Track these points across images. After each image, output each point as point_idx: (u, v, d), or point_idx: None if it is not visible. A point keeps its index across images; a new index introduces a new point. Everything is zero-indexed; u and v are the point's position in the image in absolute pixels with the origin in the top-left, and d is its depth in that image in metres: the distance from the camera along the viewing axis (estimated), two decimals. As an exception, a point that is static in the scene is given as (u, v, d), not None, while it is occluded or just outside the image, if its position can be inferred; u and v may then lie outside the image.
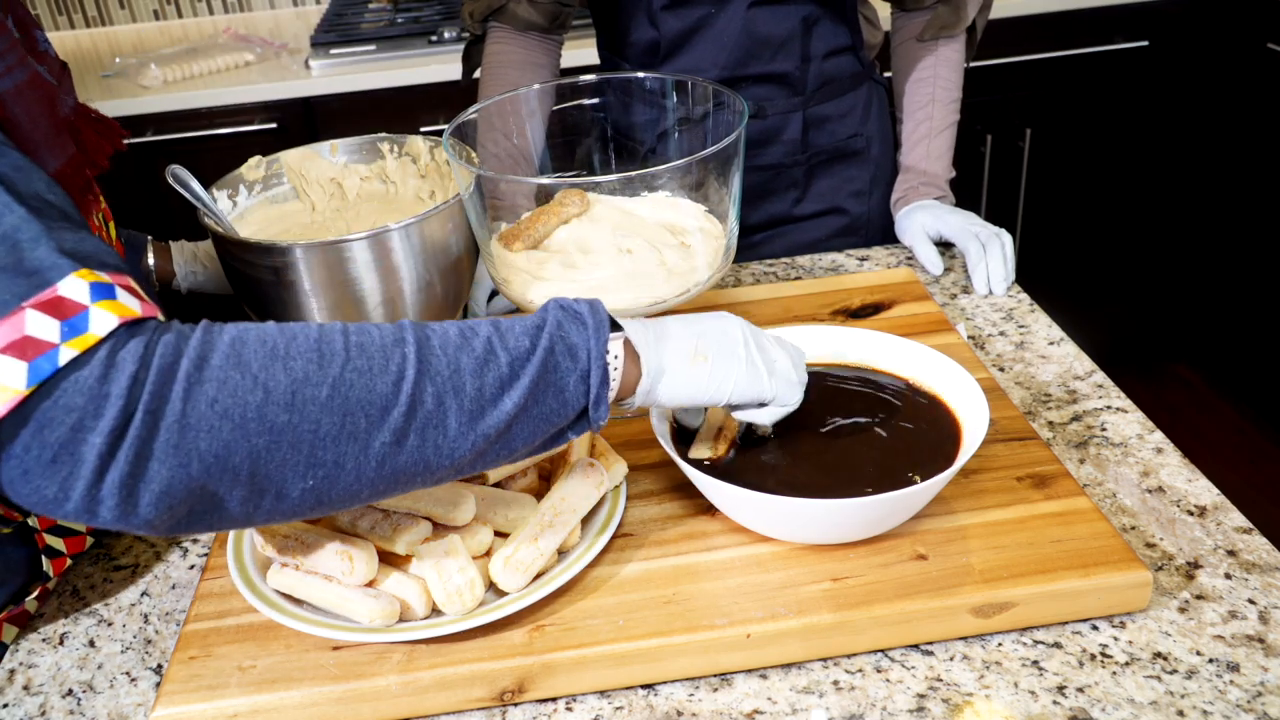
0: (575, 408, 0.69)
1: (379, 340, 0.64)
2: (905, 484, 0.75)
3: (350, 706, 0.72)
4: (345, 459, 0.61)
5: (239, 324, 0.62)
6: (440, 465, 0.65)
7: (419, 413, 0.63)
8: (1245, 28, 2.26)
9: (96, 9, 2.57)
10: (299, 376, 0.60)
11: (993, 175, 2.35)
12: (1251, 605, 0.76)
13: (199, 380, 0.58)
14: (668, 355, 0.73)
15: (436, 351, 0.65)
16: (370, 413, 0.61)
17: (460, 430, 0.64)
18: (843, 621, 0.73)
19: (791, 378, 0.78)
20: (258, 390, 0.59)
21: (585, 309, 0.70)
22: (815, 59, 1.29)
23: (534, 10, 1.30)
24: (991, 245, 1.18)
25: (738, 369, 0.75)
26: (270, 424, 0.59)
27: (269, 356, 0.60)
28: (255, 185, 1.12)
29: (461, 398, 0.64)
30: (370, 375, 0.62)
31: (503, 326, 0.68)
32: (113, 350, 0.56)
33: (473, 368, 0.65)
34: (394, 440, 0.62)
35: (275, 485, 0.61)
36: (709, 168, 0.91)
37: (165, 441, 0.57)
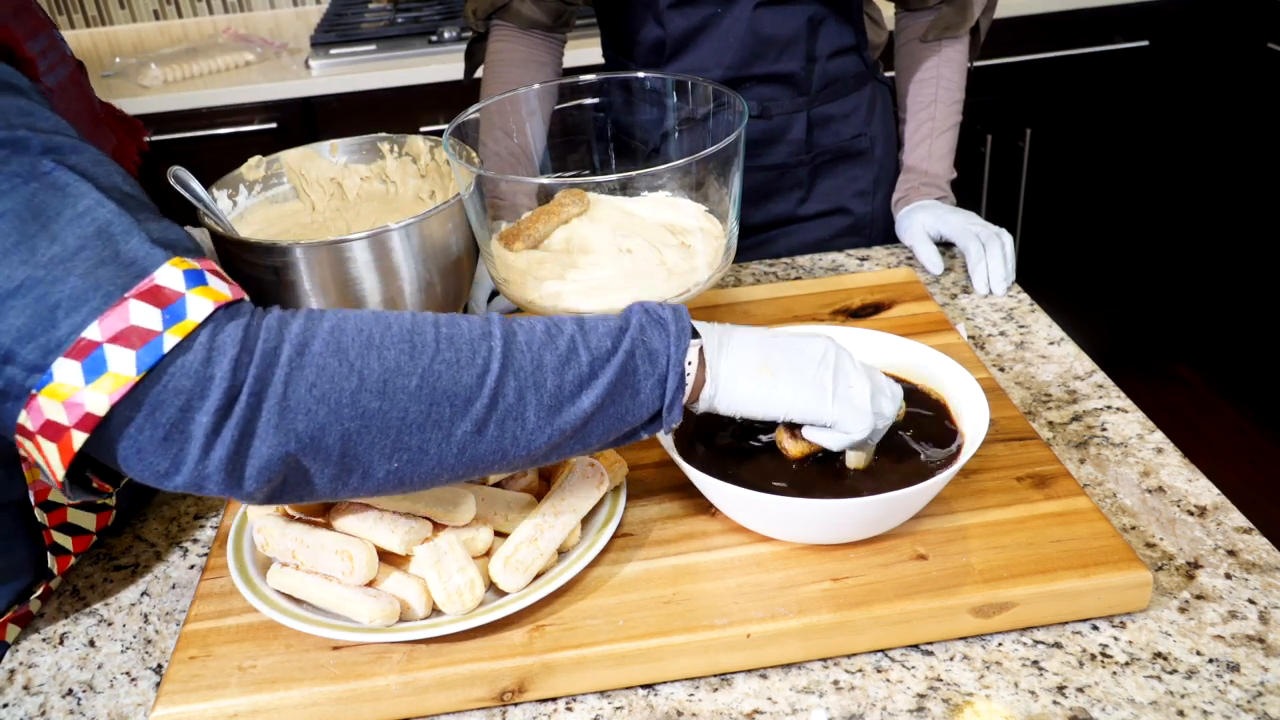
0: (650, 410, 0.71)
1: (467, 333, 0.67)
2: (905, 484, 0.75)
3: (350, 706, 0.72)
4: (429, 444, 0.65)
5: (339, 311, 0.66)
6: (516, 455, 0.68)
7: (500, 405, 0.66)
8: (1245, 28, 2.26)
9: (96, 9, 2.57)
10: (391, 366, 0.63)
11: (993, 175, 2.35)
12: (1251, 605, 0.76)
13: (300, 365, 0.62)
14: (733, 365, 0.74)
15: (522, 347, 0.67)
16: (455, 403, 0.65)
17: (538, 424, 0.67)
18: (843, 621, 0.73)
19: (863, 407, 0.75)
20: (353, 377, 0.62)
21: (669, 315, 0.72)
22: (820, 59, 1.29)
23: (537, 9, 1.30)
24: (992, 245, 1.18)
25: (801, 388, 0.74)
26: (362, 409, 0.63)
27: (365, 345, 0.63)
28: (255, 185, 1.12)
29: (541, 393, 0.67)
30: (457, 367, 0.65)
31: (587, 325, 0.70)
32: (213, 334, 0.60)
33: (555, 365, 0.67)
34: (475, 430, 0.65)
35: (363, 465, 0.64)
36: (709, 168, 0.91)
37: (266, 421, 0.61)
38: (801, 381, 0.74)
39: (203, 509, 0.95)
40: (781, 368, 0.74)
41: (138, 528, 0.94)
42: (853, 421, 0.75)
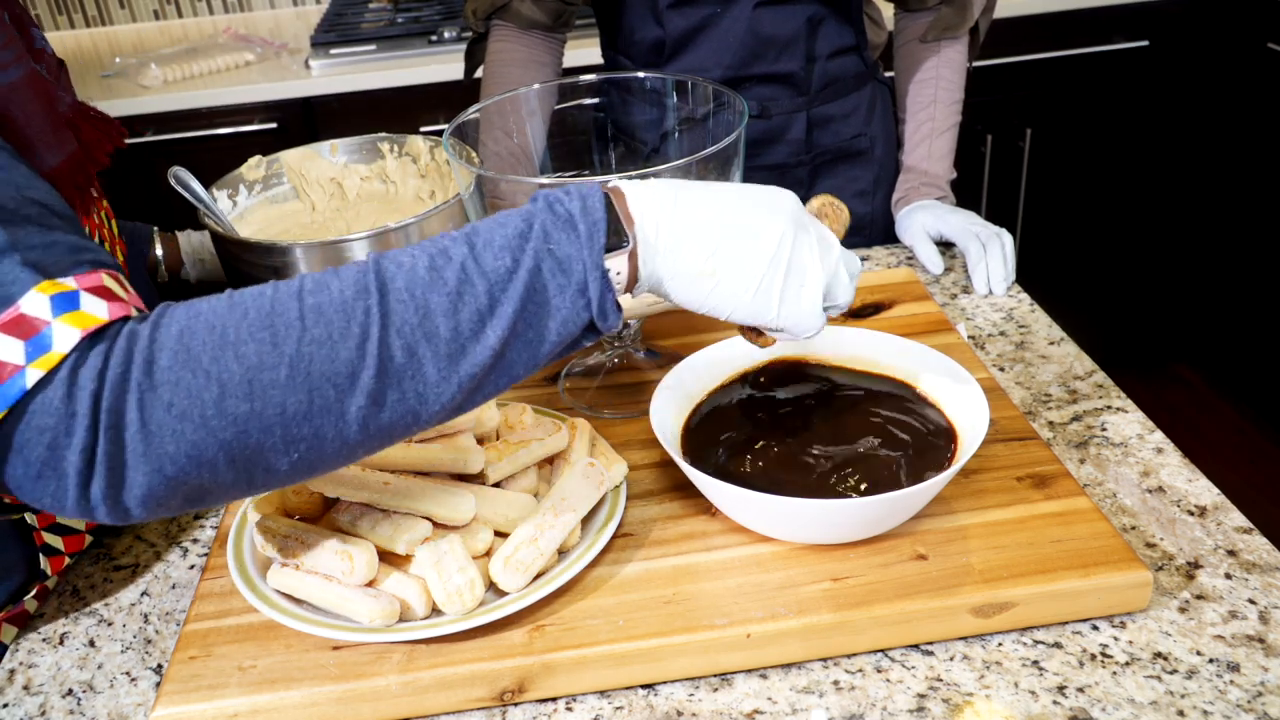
0: (577, 323, 0.64)
1: (338, 297, 0.60)
2: (905, 484, 0.75)
3: (350, 706, 0.72)
4: (324, 429, 0.60)
5: (191, 306, 0.60)
6: (430, 412, 0.62)
7: (390, 369, 0.59)
8: (1245, 28, 2.26)
9: (96, 9, 2.57)
10: (253, 363, 0.58)
11: (993, 175, 2.35)
12: (1252, 605, 0.76)
13: (150, 387, 0.57)
14: (672, 266, 0.66)
15: (403, 296, 0.60)
16: (338, 381, 0.59)
17: (442, 375, 0.61)
18: (843, 621, 0.73)
19: (813, 308, 0.69)
20: (212, 385, 0.57)
21: (577, 208, 0.63)
22: (820, 59, 1.29)
23: (537, 8, 1.30)
24: (992, 245, 1.18)
25: (745, 294, 0.67)
26: (232, 416, 0.57)
27: (219, 346, 0.58)
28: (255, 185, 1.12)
29: (435, 342, 0.60)
30: (330, 344, 0.59)
31: (479, 244, 0.62)
32: (74, 367, 0.56)
33: (445, 307, 0.60)
34: (370, 402, 0.60)
35: (260, 464, 0.60)
36: (709, 168, 0.91)
37: (134, 452, 0.57)
38: (746, 286, 0.67)
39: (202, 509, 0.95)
40: (727, 267, 0.66)
41: (138, 528, 0.94)
42: (802, 325, 0.69)
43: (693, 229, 0.65)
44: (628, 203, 0.65)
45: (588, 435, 0.86)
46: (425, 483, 0.77)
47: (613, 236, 0.63)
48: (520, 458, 0.82)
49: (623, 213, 0.64)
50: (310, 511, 0.81)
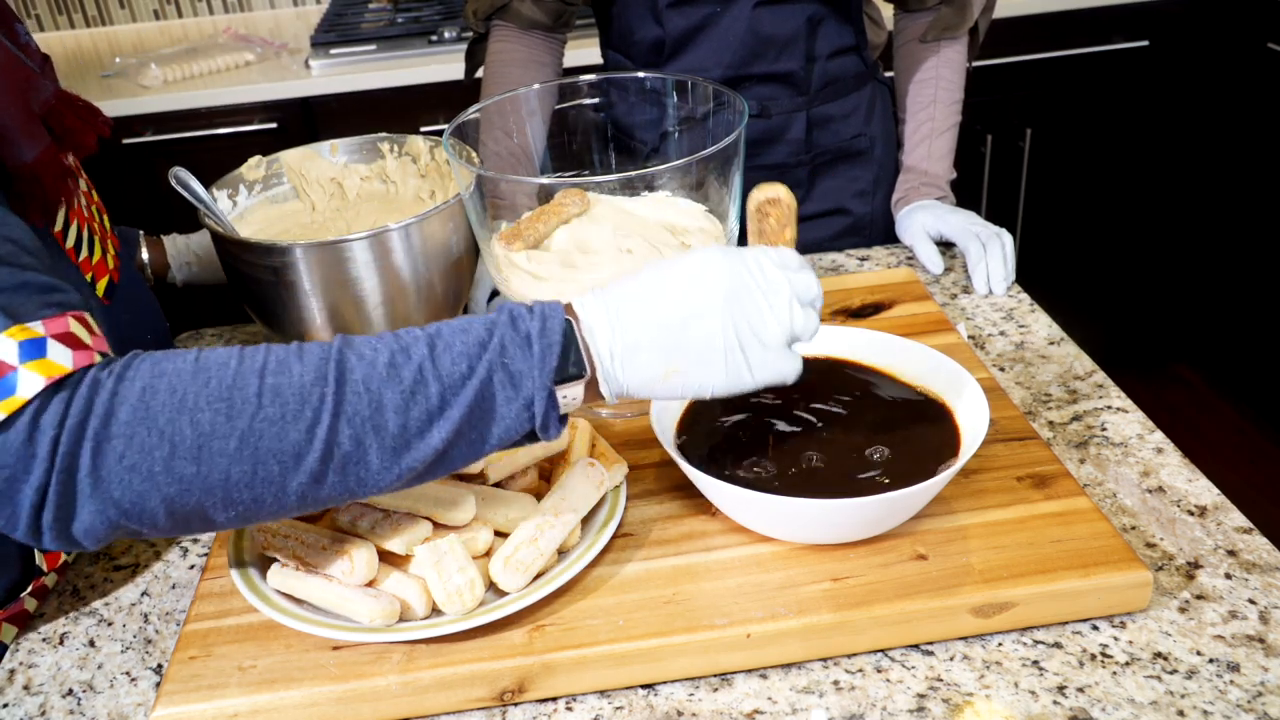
0: (519, 430, 0.66)
1: (297, 381, 0.63)
2: (905, 484, 0.75)
3: (350, 706, 0.72)
4: (263, 498, 0.63)
5: (159, 364, 0.63)
6: (366, 492, 0.66)
7: (335, 455, 0.63)
8: (1245, 28, 2.26)
9: (96, 9, 2.57)
10: (206, 430, 0.61)
11: (993, 175, 2.35)
12: (1252, 605, 0.76)
13: (106, 437, 0.60)
14: (634, 378, 0.68)
15: (359, 388, 0.63)
16: (283, 459, 0.62)
17: (383, 465, 0.64)
18: (843, 621, 0.73)
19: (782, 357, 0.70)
20: (164, 445, 0.61)
21: (535, 329, 0.66)
22: (820, 59, 1.29)
23: (538, 9, 1.30)
24: (992, 245, 1.18)
25: (714, 378, 0.69)
26: (178, 475, 0.61)
27: (177, 409, 0.61)
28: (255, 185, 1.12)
29: (383, 435, 0.63)
30: (282, 424, 0.62)
31: (439, 347, 0.65)
32: (37, 413, 0.60)
33: (397, 403, 0.63)
34: (311, 481, 0.63)
35: (197, 516, 0.63)
36: (709, 167, 0.91)
37: (82, 493, 0.61)
38: (713, 370, 0.68)
39: (203, 509, 0.95)
40: (687, 362, 0.68)
41: (138, 528, 0.94)
42: (781, 377, 0.70)
43: (641, 341, 0.67)
44: (581, 330, 0.67)
45: (588, 435, 0.86)
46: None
47: (572, 366, 0.66)
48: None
49: (580, 339, 0.67)
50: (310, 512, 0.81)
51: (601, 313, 0.68)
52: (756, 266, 0.70)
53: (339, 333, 0.97)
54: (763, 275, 0.69)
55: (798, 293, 0.70)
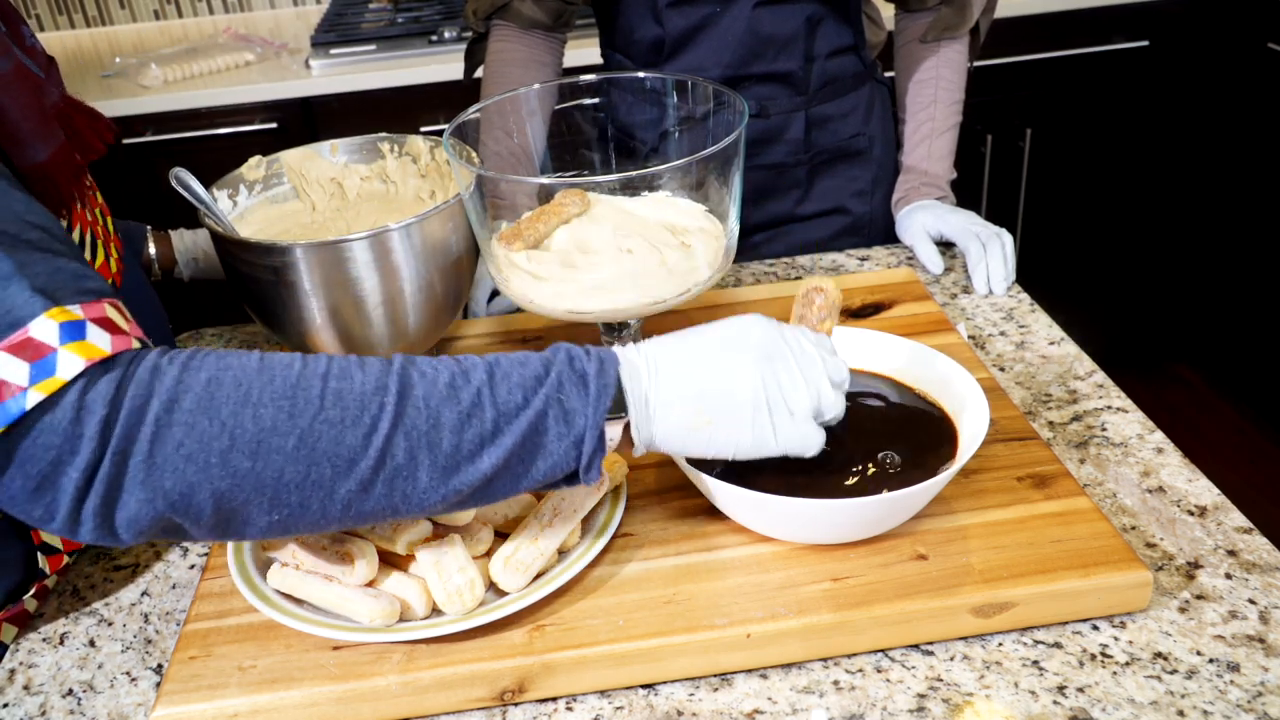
0: (564, 469, 0.67)
1: (359, 388, 0.63)
2: (905, 484, 0.75)
3: (350, 706, 0.72)
4: (310, 502, 0.63)
5: (223, 358, 0.63)
6: (409, 511, 0.66)
7: (388, 465, 0.63)
8: (1245, 28, 2.26)
9: (96, 9, 2.57)
10: (267, 425, 0.61)
11: (993, 175, 2.35)
12: (1252, 605, 0.76)
13: (168, 424, 0.60)
14: (667, 428, 0.69)
15: (419, 403, 0.64)
16: (337, 463, 0.62)
17: (431, 484, 0.64)
18: (843, 621, 0.73)
19: (807, 428, 0.71)
20: (224, 436, 0.61)
21: (593, 369, 0.67)
22: (819, 58, 1.29)
23: (538, 8, 1.30)
24: (992, 245, 1.18)
25: (742, 435, 0.70)
26: (234, 469, 0.61)
27: (241, 402, 0.61)
28: (255, 185, 1.12)
29: (436, 453, 0.64)
30: (341, 427, 0.62)
31: (498, 375, 0.66)
32: (83, 392, 0.59)
33: (454, 423, 0.64)
34: (360, 489, 0.63)
35: (240, 518, 0.63)
36: (709, 167, 0.91)
37: (133, 479, 0.60)
38: (740, 428, 0.70)
39: (203, 509, 0.95)
40: (717, 419, 0.69)
41: (138, 528, 0.94)
42: (803, 444, 0.72)
43: (677, 393, 0.69)
44: (621, 374, 0.69)
45: (588, 435, 0.86)
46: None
47: (615, 405, 0.68)
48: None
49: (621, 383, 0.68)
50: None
51: (642, 362, 0.70)
52: (795, 339, 0.72)
53: (341, 333, 0.97)
54: (800, 347, 0.72)
55: (829, 372, 0.72)
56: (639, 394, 0.69)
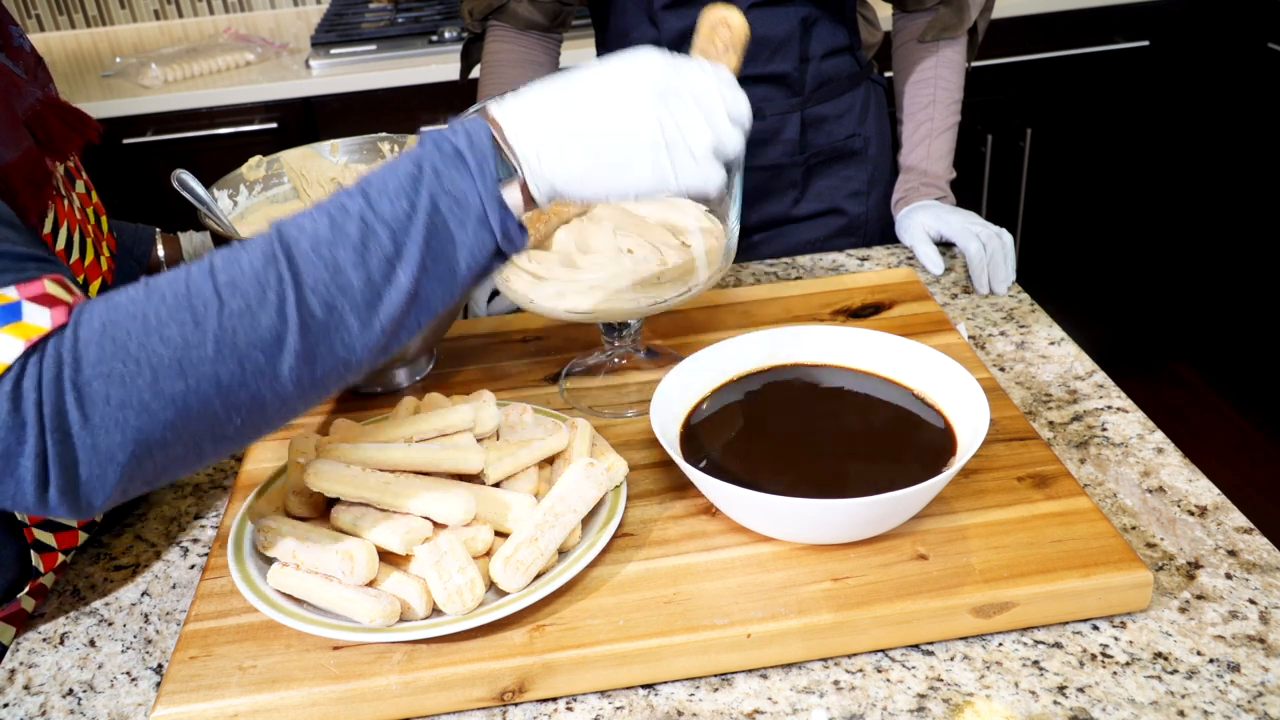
0: (484, 252, 0.65)
1: (249, 268, 0.62)
2: (905, 484, 0.75)
3: (351, 706, 0.72)
4: (261, 392, 0.62)
5: (109, 299, 0.62)
6: (361, 357, 0.64)
7: (313, 326, 0.62)
8: (1245, 28, 2.26)
9: (96, 9, 2.57)
10: (179, 343, 0.60)
11: (993, 175, 2.35)
12: (1252, 605, 0.76)
13: (86, 382, 0.59)
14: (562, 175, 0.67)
15: (310, 256, 0.62)
16: (265, 347, 0.61)
17: (363, 323, 0.63)
18: (843, 621, 0.73)
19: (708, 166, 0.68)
20: (145, 371, 0.59)
21: (464, 144, 0.65)
22: (814, 59, 1.29)
23: (535, 9, 1.30)
24: (992, 245, 1.18)
25: (640, 178, 0.67)
26: (170, 396, 0.59)
27: (143, 333, 0.60)
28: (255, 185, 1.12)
29: (351, 294, 0.62)
30: (250, 313, 0.61)
31: (373, 192, 0.64)
32: (17, 378, 0.58)
33: (353, 259, 0.62)
34: (300, 361, 0.62)
35: (207, 434, 0.62)
36: (709, 168, 0.91)
37: (84, 450, 0.59)
38: (639, 169, 0.67)
39: (203, 509, 0.95)
40: (615, 158, 0.66)
41: (138, 528, 0.94)
42: (704, 184, 0.68)
43: (569, 138, 0.66)
44: (505, 133, 0.66)
45: (588, 435, 0.86)
46: (425, 483, 0.77)
47: (501, 169, 0.65)
48: (520, 458, 0.82)
49: (503, 143, 0.66)
50: (310, 512, 0.81)
51: (523, 114, 0.67)
52: (692, 74, 0.68)
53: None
54: (698, 82, 0.68)
55: (729, 108, 0.69)
56: (528, 149, 0.66)
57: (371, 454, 0.80)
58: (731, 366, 0.92)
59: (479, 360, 1.09)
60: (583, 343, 1.10)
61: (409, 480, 0.77)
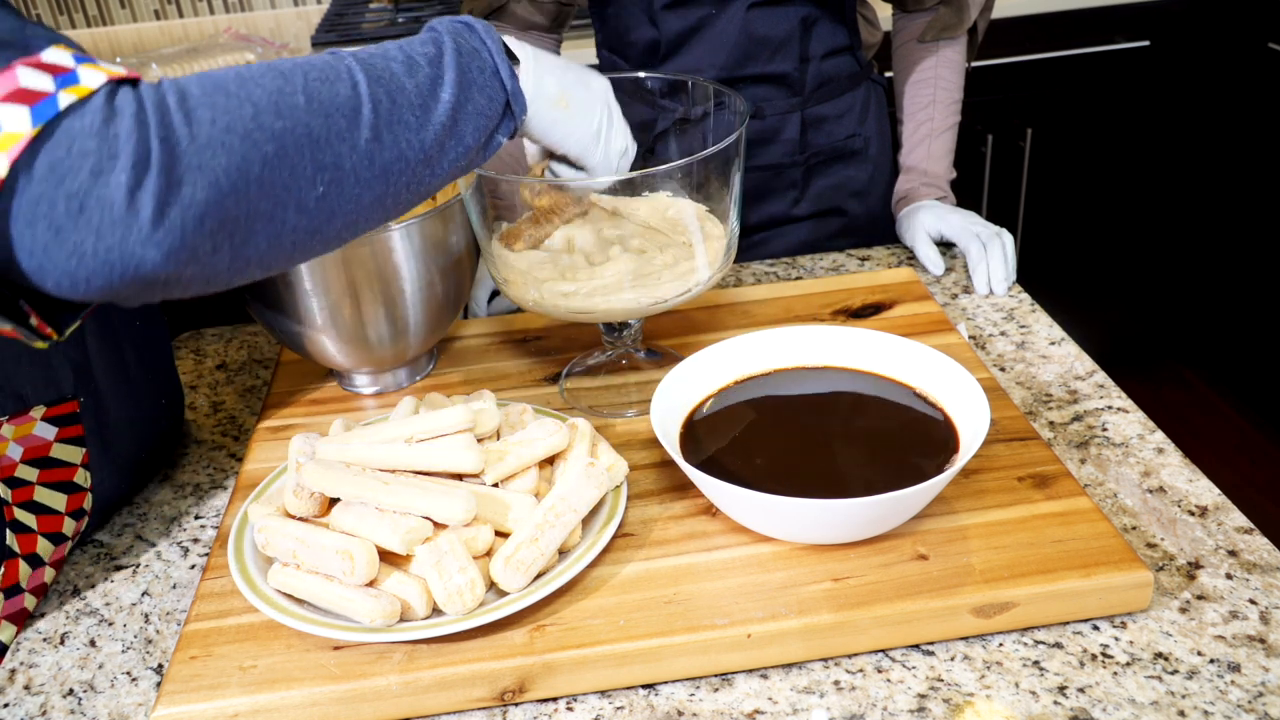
0: (500, 101, 0.74)
1: (319, 61, 0.68)
2: (906, 484, 0.75)
3: (351, 706, 0.72)
4: (342, 159, 0.65)
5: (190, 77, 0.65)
6: (415, 158, 0.70)
7: (381, 110, 0.67)
8: (1246, 28, 2.26)
9: (97, 9, 2.57)
10: (273, 90, 0.63)
11: (994, 175, 2.35)
12: (1252, 605, 0.76)
13: (193, 107, 0.60)
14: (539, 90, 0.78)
15: (369, 63, 0.69)
16: (345, 113, 0.66)
17: (418, 122, 0.69)
18: (843, 621, 0.73)
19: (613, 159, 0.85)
20: (246, 105, 0.62)
21: (467, 18, 0.75)
22: (814, 59, 1.29)
23: (534, 9, 1.30)
24: (992, 245, 1.18)
25: (585, 128, 0.81)
26: (269, 130, 0.62)
27: (239, 81, 0.63)
28: (256, 185, 1.12)
29: (406, 94, 0.69)
30: (331, 83, 0.66)
31: (402, 43, 0.72)
32: (108, 98, 0.57)
33: (403, 70, 0.69)
34: (373, 137, 0.67)
35: (294, 196, 0.64)
36: (710, 167, 0.91)
37: (187, 164, 0.59)
38: (588, 124, 0.81)
39: (203, 509, 0.95)
40: (575, 104, 0.80)
41: (138, 528, 0.94)
42: (602, 168, 0.84)
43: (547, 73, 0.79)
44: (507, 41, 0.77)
45: (588, 435, 0.86)
46: (425, 482, 0.77)
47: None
48: (520, 457, 0.82)
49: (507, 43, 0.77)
50: (310, 512, 0.81)
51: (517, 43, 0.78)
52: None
53: (341, 333, 0.97)
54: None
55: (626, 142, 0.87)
56: (526, 54, 0.77)
57: (371, 454, 0.80)
58: (732, 366, 0.92)
59: (479, 360, 1.09)
60: (583, 343, 1.10)
61: (409, 480, 0.77)
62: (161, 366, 0.99)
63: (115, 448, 0.91)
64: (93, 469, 0.88)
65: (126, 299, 0.62)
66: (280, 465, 0.89)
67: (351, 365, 1.02)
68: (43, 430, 0.85)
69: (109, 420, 0.90)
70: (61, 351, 0.85)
